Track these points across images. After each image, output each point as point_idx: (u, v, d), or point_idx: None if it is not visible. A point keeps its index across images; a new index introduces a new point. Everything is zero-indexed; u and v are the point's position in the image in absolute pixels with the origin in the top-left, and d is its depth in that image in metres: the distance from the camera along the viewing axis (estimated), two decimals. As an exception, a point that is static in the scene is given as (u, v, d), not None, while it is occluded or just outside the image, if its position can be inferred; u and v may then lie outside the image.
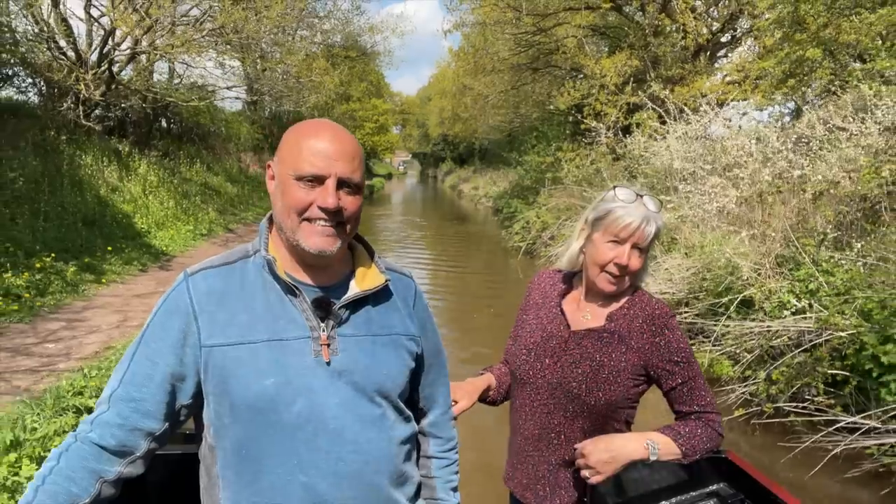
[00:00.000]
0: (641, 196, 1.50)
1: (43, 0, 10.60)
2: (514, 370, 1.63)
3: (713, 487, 1.63)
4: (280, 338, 1.07)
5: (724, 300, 5.38)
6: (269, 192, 1.14)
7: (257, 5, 11.20)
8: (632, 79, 14.16)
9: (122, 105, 13.12)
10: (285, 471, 1.07)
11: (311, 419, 1.07)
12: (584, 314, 1.58)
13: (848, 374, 4.26)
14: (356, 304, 1.15)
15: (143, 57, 12.62)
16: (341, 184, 1.07)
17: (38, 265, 6.65)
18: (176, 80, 16.16)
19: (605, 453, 1.38)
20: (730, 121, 8.08)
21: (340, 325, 1.12)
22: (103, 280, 7.30)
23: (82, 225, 8.45)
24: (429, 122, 58.23)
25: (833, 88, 7.54)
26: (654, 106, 10.34)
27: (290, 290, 1.10)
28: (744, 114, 12.25)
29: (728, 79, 13.69)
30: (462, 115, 32.91)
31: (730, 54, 15.98)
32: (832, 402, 4.23)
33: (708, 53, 14.91)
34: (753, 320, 5.04)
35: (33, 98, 12.10)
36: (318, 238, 1.07)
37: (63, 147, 9.97)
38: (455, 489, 1.36)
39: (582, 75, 15.76)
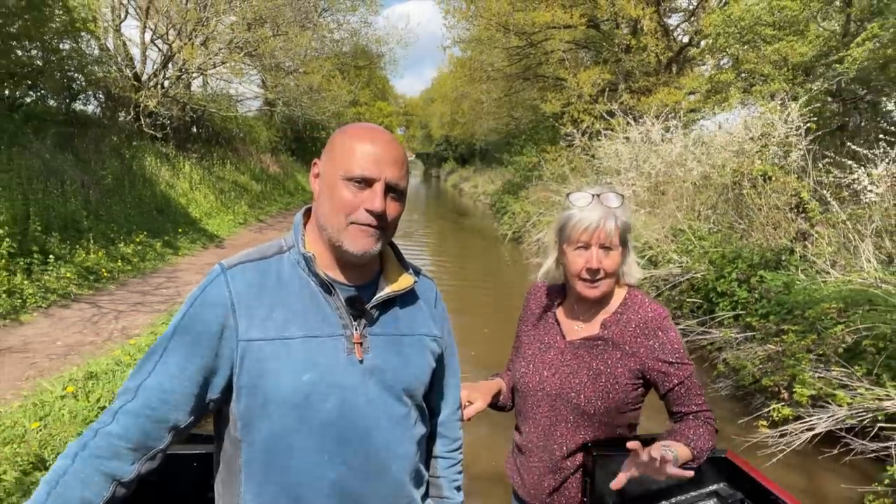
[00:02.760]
0: (598, 195, 1.48)
1: (104, 28, 12.94)
2: (516, 382, 1.66)
3: (713, 487, 1.62)
4: (315, 334, 1.09)
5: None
6: (313, 189, 1.15)
7: (289, 35, 13.51)
8: (606, 89, 16.29)
9: (168, 114, 15.43)
10: (314, 465, 1.09)
11: (343, 416, 1.09)
12: (578, 323, 1.59)
13: (701, 301, 6.49)
14: (385, 304, 1.17)
15: (185, 74, 14.95)
16: (388, 189, 1.09)
17: (137, 240, 8.93)
18: (209, 91, 18.51)
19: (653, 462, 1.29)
20: (667, 130, 10.25)
21: (371, 324, 1.15)
22: (180, 253, 9.60)
23: (156, 213, 10.75)
24: (431, 124, 59.47)
25: (746, 104, 9.74)
26: (620, 114, 12.47)
27: (327, 287, 1.12)
28: (700, 118, 14.45)
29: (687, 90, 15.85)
30: (460, 120, 35.05)
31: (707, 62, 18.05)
32: (691, 321, 6.46)
33: (682, 62, 16.95)
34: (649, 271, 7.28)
35: (94, 110, 14.43)
36: (363, 240, 1.09)
37: (127, 151, 12.24)
38: (459, 488, 1.38)
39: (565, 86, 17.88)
